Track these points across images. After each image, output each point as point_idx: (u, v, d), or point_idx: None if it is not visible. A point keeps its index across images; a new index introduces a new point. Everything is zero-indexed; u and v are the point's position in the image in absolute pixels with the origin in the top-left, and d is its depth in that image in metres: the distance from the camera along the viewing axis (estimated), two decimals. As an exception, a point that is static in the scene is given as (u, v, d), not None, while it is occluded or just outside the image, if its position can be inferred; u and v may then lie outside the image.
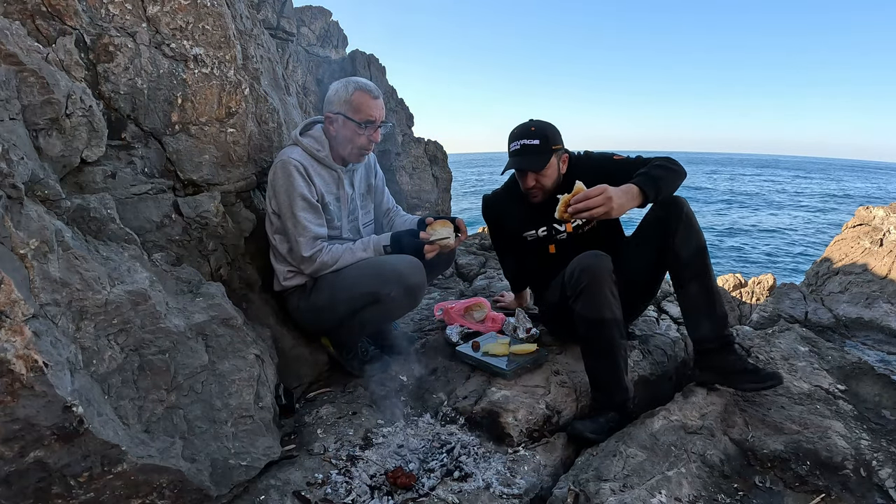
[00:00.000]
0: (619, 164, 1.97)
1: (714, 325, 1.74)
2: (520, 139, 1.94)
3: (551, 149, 1.94)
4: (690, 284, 1.76)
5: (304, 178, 1.85)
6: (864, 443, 1.56)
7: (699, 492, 1.39)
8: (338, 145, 1.95)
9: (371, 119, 1.90)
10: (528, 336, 2.26)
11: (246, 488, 1.41)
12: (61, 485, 1.07)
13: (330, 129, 1.94)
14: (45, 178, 1.28)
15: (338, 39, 5.09)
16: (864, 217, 4.55)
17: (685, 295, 1.79)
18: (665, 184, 1.73)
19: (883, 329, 2.65)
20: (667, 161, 1.83)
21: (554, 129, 1.98)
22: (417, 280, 1.82)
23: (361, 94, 1.89)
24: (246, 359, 1.55)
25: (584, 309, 1.71)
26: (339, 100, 1.89)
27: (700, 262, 1.75)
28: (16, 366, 0.95)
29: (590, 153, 2.10)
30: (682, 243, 1.75)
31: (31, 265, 1.08)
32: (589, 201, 1.63)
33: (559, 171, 2.01)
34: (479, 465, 1.54)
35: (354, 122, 1.88)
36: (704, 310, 1.75)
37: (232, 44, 1.97)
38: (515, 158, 1.96)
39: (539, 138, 1.92)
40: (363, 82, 1.94)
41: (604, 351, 1.72)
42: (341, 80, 1.99)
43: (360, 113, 1.88)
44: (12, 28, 1.36)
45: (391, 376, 2.02)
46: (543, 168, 1.93)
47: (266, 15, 3.67)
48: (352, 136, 1.91)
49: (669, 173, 1.77)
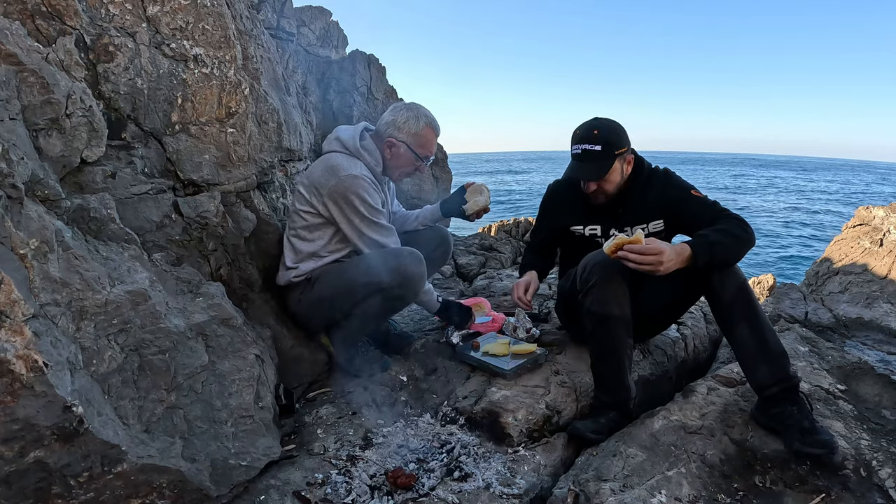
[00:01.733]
0: (694, 202, 1.83)
1: (771, 367, 1.59)
2: (581, 143, 1.83)
3: (614, 154, 1.82)
4: (738, 328, 1.64)
5: (377, 192, 1.94)
6: (864, 443, 1.56)
7: (699, 492, 1.39)
8: (389, 166, 2.03)
9: (430, 155, 2.03)
10: (528, 336, 2.26)
11: (246, 488, 1.41)
12: (61, 485, 1.07)
13: (387, 152, 2.00)
14: (45, 178, 1.28)
15: (338, 39, 5.07)
16: (864, 217, 4.55)
17: (735, 340, 1.66)
18: (720, 251, 1.61)
19: (883, 329, 2.65)
20: (736, 225, 1.68)
21: (618, 130, 1.85)
22: (417, 270, 1.87)
23: (430, 132, 1.99)
24: (246, 359, 1.55)
25: (592, 305, 1.71)
26: (408, 130, 1.96)
27: (744, 300, 1.63)
28: (16, 366, 0.95)
29: (670, 173, 1.96)
30: (722, 285, 1.64)
31: (31, 265, 1.08)
32: (641, 257, 1.55)
33: (622, 173, 1.89)
34: (479, 465, 1.54)
35: (416, 154, 1.98)
36: (758, 352, 1.61)
37: (232, 44, 1.97)
38: (575, 164, 1.87)
39: (601, 143, 1.80)
40: (431, 117, 2.01)
41: (609, 348, 1.72)
42: (410, 108, 2.00)
43: (424, 148, 1.99)
44: (12, 28, 1.36)
45: (391, 376, 2.02)
46: (603, 176, 1.83)
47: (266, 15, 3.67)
48: (407, 165, 2.02)
49: (731, 240, 1.63)
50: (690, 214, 1.76)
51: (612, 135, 1.83)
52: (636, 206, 1.93)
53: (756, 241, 1.69)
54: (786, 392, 1.58)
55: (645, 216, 1.93)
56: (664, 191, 1.89)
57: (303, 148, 2.75)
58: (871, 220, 4.43)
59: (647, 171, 1.94)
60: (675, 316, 2.10)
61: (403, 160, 2.00)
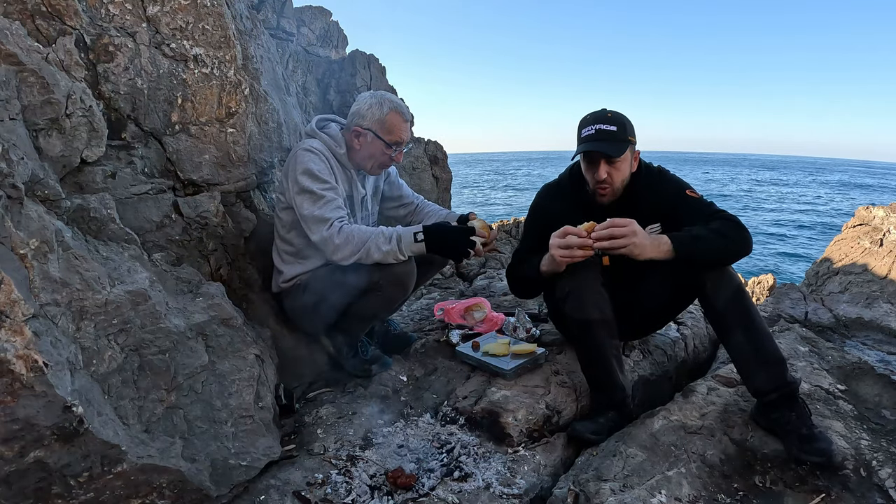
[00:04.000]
0: (689, 201, 1.76)
1: (768, 374, 1.57)
2: (594, 124, 1.72)
3: (628, 139, 1.73)
4: (733, 335, 1.61)
5: (325, 163, 1.85)
6: (864, 443, 1.56)
7: (699, 492, 1.39)
8: (359, 157, 1.96)
9: (400, 141, 1.93)
10: (528, 336, 2.26)
11: (246, 488, 1.41)
12: (61, 485, 1.07)
13: (355, 142, 1.94)
14: (45, 178, 1.28)
15: (338, 39, 5.08)
16: (864, 217, 4.56)
17: (732, 346, 1.64)
18: (702, 246, 1.57)
19: (883, 329, 2.65)
20: (730, 226, 1.61)
21: (628, 119, 1.77)
22: (406, 268, 1.79)
23: (395, 116, 1.91)
24: (246, 359, 1.55)
25: (571, 311, 1.70)
26: (372, 116, 1.90)
27: (740, 306, 1.59)
28: (16, 366, 0.95)
29: (664, 171, 1.89)
30: (715, 291, 1.61)
31: (31, 265, 1.08)
32: (614, 229, 1.52)
33: (630, 167, 1.80)
34: (479, 465, 1.54)
35: (384, 141, 1.91)
36: (756, 359, 1.59)
37: (232, 44, 1.97)
38: (589, 143, 1.73)
39: (616, 125, 1.71)
40: (397, 102, 1.94)
41: (594, 352, 1.72)
42: (374, 96, 1.94)
43: (392, 134, 1.91)
44: (12, 28, 1.36)
45: (391, 376, 2.02)
46: (620, 156, 1.71)
47: (266, 15, 3.67)
48: (377, 153, 1.93)
49: (717, 238, 1.58)
50: (686, 215, 1.72)
51: (626, 120, 1.76)
52: (635, 209, 1.91)
53: (752, 245, 1.63)
54: (784, 398, 1.57)
55: (643, 219, 1.91)
56: (660, 191, 1.83)
57: (303, 148, 2.75)
58: (871, 220, 4.43)
59: (643, 171, 1.88)
60: (669, 317, 2.09)
61: (373, 148, 1.92)
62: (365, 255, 1.72)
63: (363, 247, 1.71)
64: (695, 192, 1.79)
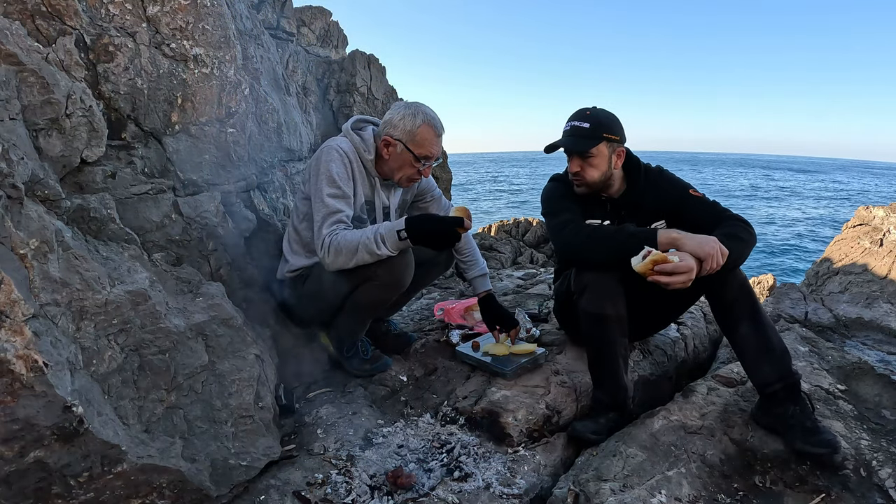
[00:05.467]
0: (695, 203, 1.81)
1: (774, 365, 1.59)
2: (571, 121, 1.82)
3: (602, 135, 1.77)
4: (740, 326, 1.62)
5: (347, 167, 1.83)
6: (864, 443, 1.56)
7: (699, 492, 1.39)
8: (387, 167, 1.92)
9: (430, 155, 1.88)
10: (528, 336, 2.26)
11: (246, 488, 1.41)
12: (61, 485, 1.07)
13: (384, 151, 1.90)
14: (45, 178, 1.28)
15: (338, 39, 5.07)
16: (863, 217, 4.56)
17: (737, 338, 1.65)
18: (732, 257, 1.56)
19: (883, 329, 2.65)
20: (741, 227, 1.67)
21: (613, 117, 1.81)
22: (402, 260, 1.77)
23: (427, 129, 1.86)
24: (246, 359, 1.55)
25: (587, 304, 1.70)
26: (403, 127, 1.86)
27: (745, 299, 1.62)
28: (16, 366, 0.95)
29: (664, 171, 1.93)
30: (723, 284, 1.63)
31: (31, 265, 1.08)
32: (674, 277, 1.49)
33: (611, 165, 1.82)
34: (479, 465, 1.54)
35: (413, 154, 1.86)
36: (761, 351, 1.60)
37: (232, 44, 1.97)
38: (562, 138, 1.83)
39: (591, 122, 1.78)
40: (431, 115, 1.90)
41: (604, 348, 1.72)
42: (409, 106, 1.91)
43: (422, 148, 1.86)
44: (12, 28, 1.36)
45: (391, 376, 2.02)
46: (586, 151, 1.77)
47: (266, 15, 3.67)
48: (406, 165, 1.89)
49: (740, 245, 1.61)
50: (692, 215, 1.75)
51: (605, 118, 1.79)
52: (638, 208, 1.92)
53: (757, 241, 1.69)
54: (788, 390, 1.58)
55: (647, 218, 1.92)
56: (662, 191, 1.87)
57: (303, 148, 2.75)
58: (871, 220, 4.43)
59: (643, 170, 1.91)
60: (676, 315, 2.09)
61: (401, 160, 1.89)
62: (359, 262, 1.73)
63: (354, 256, 1.71)
64: (696, 191, 1.84)
